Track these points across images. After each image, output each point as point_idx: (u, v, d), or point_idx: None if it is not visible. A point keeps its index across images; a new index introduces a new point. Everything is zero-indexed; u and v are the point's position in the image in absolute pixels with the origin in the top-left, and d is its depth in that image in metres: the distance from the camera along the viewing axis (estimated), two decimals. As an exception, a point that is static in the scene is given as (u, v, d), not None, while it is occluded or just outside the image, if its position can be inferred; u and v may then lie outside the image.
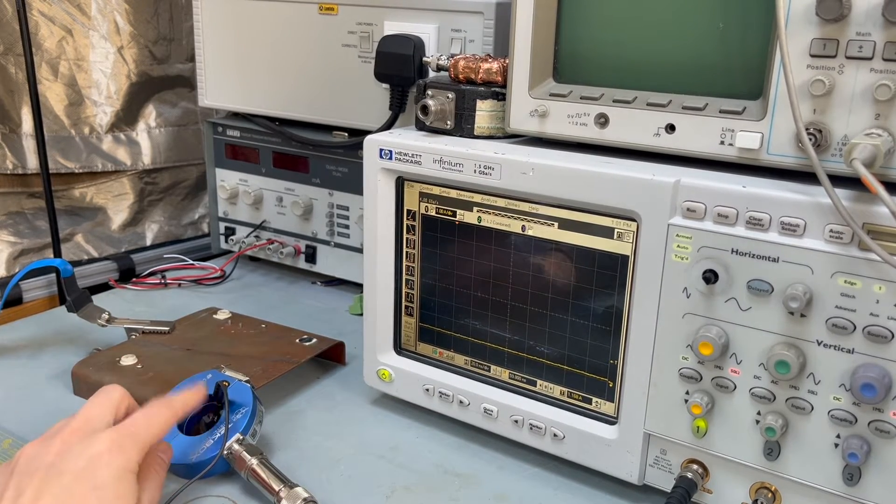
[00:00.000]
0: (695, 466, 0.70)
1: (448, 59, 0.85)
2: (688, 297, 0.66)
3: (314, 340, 0.98)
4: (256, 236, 1.28)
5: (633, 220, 0.68)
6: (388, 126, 1.02)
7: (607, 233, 0.70)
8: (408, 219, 0.83)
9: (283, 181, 1.23)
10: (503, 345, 0.80)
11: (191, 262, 1.30)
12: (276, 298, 1.20)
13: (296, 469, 0.76)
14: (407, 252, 0.84)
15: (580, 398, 0.76)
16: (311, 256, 1.23)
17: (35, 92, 1.20)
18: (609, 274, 0.71)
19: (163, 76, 1.41)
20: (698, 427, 0.67)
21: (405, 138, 0.80)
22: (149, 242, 1.44)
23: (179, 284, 1.24)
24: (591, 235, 0.72)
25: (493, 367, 0.82)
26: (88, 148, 1.34)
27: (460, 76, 0.81)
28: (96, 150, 1.35)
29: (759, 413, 0.65)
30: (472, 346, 0.83)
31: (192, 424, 0.79)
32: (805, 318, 0.61)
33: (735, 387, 0.65)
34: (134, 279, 1.26)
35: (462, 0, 0.97)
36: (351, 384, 0.94)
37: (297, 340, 0.98)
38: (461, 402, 0.82)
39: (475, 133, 0.80)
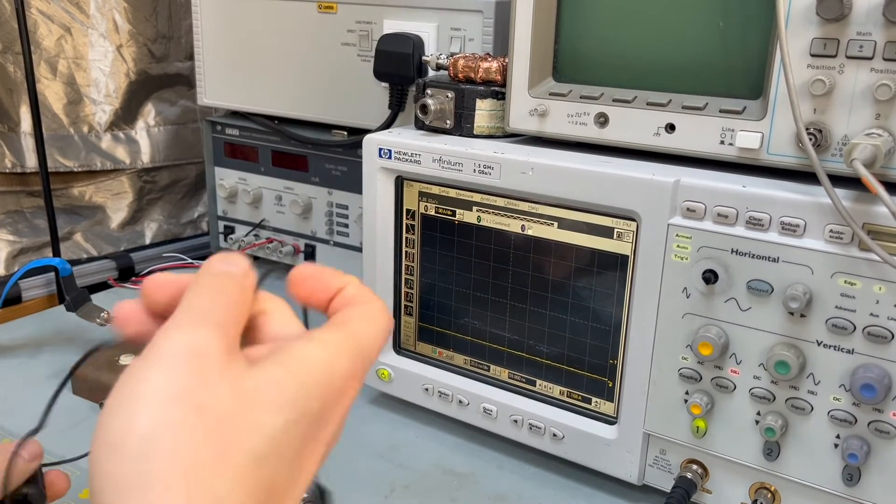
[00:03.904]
0: (694, 466, 0.70)
1: (447, 57, 0.84)
2: (687, 297, 0.65)
3: (313, 340, 0.98)
4: (255, 235, 1.28)
5: (633, 219, 0.68)
6: (388, 125, 1.02)
7: (607, 232, 0.70)
8: (407, 218, 0.83)
9: (283, 180, 1.22)
10: (503, 344, 0.80)
11: (190, 260, 1.30)
12: (275, 297, 1.20)
13: (295, 469, 0.76)
14: (406, 251, 0.84)
15: (580, 398, 0.76)
16: (310, 255, 1.23)
17: (34, 90, 1.19)
18: (609, 274, 0.71)
19: (162, 74, 1.40)
20: (698, 427, 0.67)
21: (404, 137, 0.80)
22: (148, 241, 1.44)
23: (178, 283, 1.24)
24: (590, 235, 0.71)
25: (492, 366, 0.82)
26: (87, 146, 1.34)
27: (460, 75, 0.81)
28: (95, 148, 1.35)
29: (758, 413, 0.65)
30: (471, 345, 0.82)
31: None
32: (805, 318, 0.61)
33: (735, 387, 0.65)
34: (133, 278, 1.26)
35: (461, -1, 0.97)
36: (350, 383, 0.94)
37: (297, 340, 0.98)
38: (460, 401, 0.82)
39: (474, 132, 0.80)
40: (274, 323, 0.34)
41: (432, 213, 0.81)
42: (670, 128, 0.69)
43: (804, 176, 0.63)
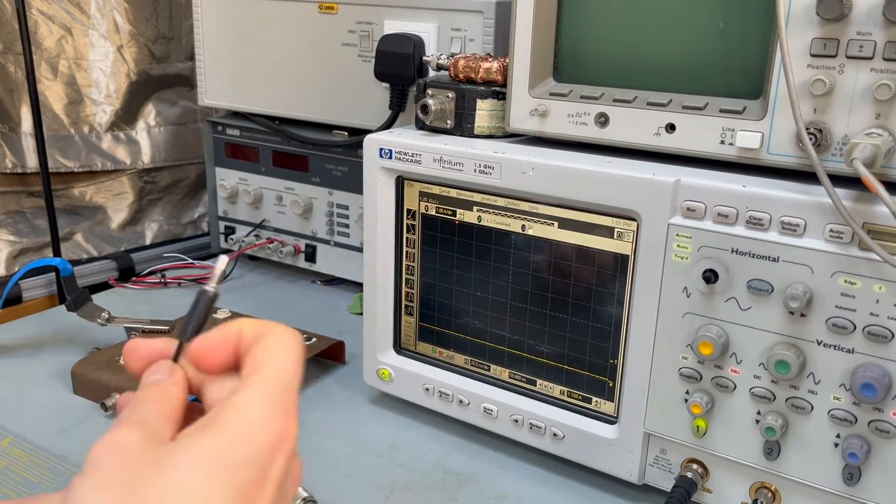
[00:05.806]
0: (695, 466, 0.70)
1: (448, 58, 0.84)
2: (688, 297, 0.66)
3: (314, 339, 0.98)
4: (256, 235, 1.28)
5: (634, 219, 0.68)
6: (388, 125, 1.02)
7: (607, 232, 0.70)
8: (408, 218, 0.83)
9: (283, 180, 1.22)
10: (503, 344, 0.80)
11: (190, 261, 1.30)
12: (275, 297, 1.20)
13: (295, 468, 0.76)
14: (407, 251, 0.84)
15: (580, 398, 0.76)
16: (310, 255, 1.23)
17: (34, 91, 1.20)
18: (609, 273, 0.71)
19: (162, 75, 1.40)
20: (698, 427, 0.67)
21: (405, 137, 0.80)
22: (148, 241, 1.44)
23: (179, 283, 1.24)
24: (591, 235, 0.71)
25: (492, 366, 0.82)
26: (88, 147, 1.34)
27: (460, 75, 0.81)
28: (96, 149, 1.35)
29: (758, 413, 0.65)
30: (471, 345, 0.83)
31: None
32: (805, 317, 0.61)
33: (735, 386, 0.65)
34: (133, 278, 1.26)
35: (462, -1, 0.97)
36: (351, 383, 0.94)
37: (297, 340, 0.98)
38: (461, 401, 0.82)
39: (475, 132, 0.80)
40: (212, 391, 0.39)
41: (433, 212, 0.81)
42: (670, 128, 0.69)
43: (804, 175, 0.63)
